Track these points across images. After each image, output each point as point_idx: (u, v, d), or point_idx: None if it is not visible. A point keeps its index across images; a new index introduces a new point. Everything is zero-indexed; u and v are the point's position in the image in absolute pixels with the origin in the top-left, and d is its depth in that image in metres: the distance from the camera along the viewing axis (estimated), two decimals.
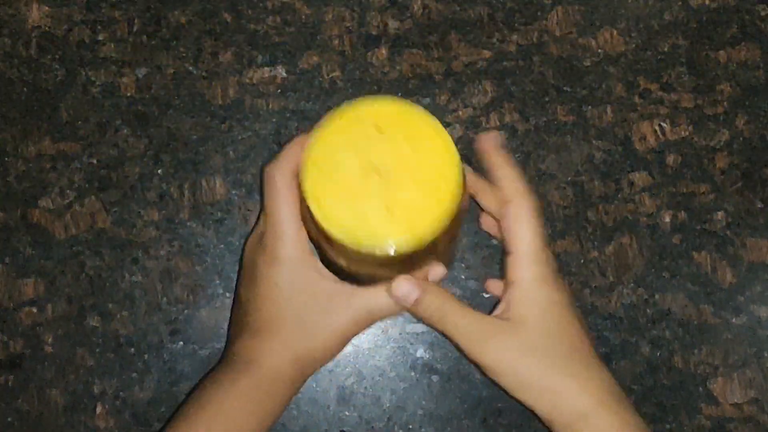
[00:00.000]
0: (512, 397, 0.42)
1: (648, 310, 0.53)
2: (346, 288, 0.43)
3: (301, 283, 0.42)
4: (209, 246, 0.53)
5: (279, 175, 0.42)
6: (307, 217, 0.40)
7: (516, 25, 0.56)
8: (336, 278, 0.43)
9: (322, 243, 0.40)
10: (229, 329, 0.49)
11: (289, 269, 0.42)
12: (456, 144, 0.38)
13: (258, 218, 0.46)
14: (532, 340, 0.41)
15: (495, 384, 0.42)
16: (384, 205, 0.37)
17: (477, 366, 0.42)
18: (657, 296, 0.53)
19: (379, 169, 0.37)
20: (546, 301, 0.42)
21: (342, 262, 0.41)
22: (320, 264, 0.43)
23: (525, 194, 0.43)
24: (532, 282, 0.42)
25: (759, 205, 0.54)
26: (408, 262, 0.40)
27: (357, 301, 0.43)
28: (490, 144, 0.45)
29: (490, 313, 0.44)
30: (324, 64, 0.56)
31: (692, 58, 0.56)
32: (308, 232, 0.42)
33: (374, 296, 0.43)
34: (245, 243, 0.46)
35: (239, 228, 0.54)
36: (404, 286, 0.42)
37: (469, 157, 0.52)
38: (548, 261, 0.43)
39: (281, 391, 0.43)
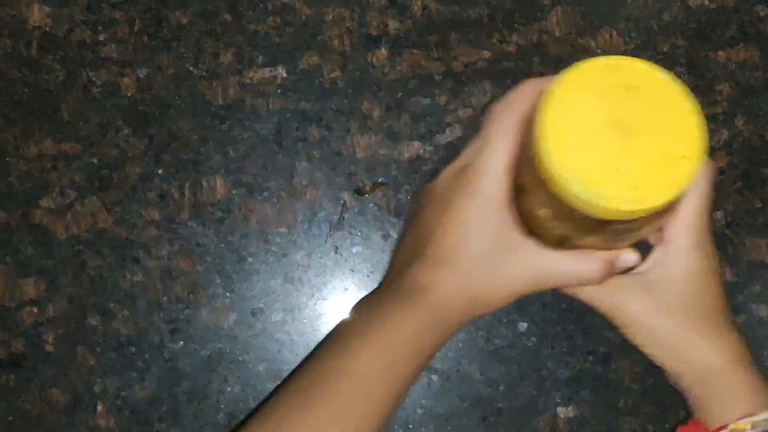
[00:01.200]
0: (641, 352, 0.43)
1: None
2: (534, 246, 0.41)
3: (493, 225, 0.40)
4: (210, 246, 0.53)
5: (506, 115, 0.40)
6: (524, 163, 0.38)
7: (516, 25, 0.56)
8: (526, 232, 0.41)
9: (530, 195, 0.39)
10: (393, 257, 0.47)
11: (485, 208, 0.40)
12: (457, 144, 0.38)
13: (460, 152, 0.43)
14: (672, 300, 0.42)
15: (620, 335, 0.43)
16: (622, 163, 0.35)
17: (604, 317, 0.43)
18: None
19: (623, 126, 0.35)
20: (696, 267, 0.42)
21: (544, 214, 0.39)
22: (515, 215, 0.41)
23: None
24: (688, 248, 0.42)
25: (758, 205, 0.54)
26: (615, 232, 0.38)
27: (542, 262, 0.41)
28: None
29: None
30: (324, 65, 0.56)
31: (691, 58, 0.56)
32: (516, 180, 0.40)
33: (560, 261, 0.41)
34: (439, 175, 0.44)
35: (240, 227, 0.54)
36: (630, 255, 0.42)
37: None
38: (706, 227, 0.42)
39: (450, 325, 0.42)
